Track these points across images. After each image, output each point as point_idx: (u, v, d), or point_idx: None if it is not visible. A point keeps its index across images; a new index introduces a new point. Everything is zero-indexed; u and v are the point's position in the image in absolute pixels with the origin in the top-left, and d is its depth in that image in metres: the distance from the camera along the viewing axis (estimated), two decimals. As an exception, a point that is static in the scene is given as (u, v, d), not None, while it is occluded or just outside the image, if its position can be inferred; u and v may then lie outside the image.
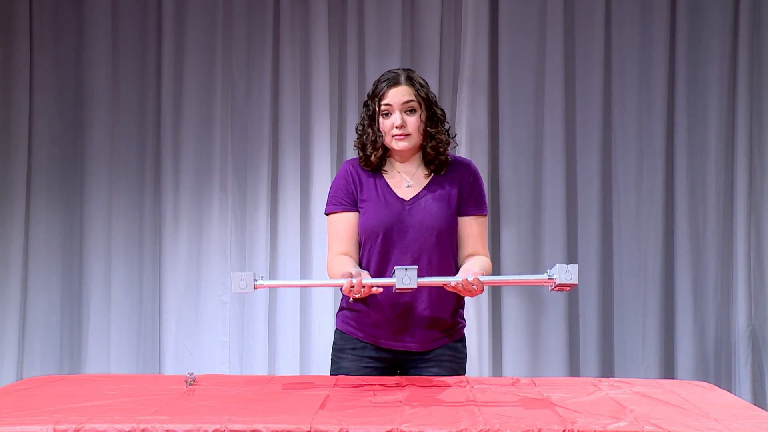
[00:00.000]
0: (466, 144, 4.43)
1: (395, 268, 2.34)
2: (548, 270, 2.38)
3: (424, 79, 2.77)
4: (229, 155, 4.57)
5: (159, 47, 4.59)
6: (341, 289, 2.47)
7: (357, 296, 2.44)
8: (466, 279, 2.44)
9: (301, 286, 2.71)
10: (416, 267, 2.35)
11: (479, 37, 4.46)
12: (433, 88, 4.41)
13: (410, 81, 2.70)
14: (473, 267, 2.57)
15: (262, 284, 2.38)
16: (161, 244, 4.60)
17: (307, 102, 4.55)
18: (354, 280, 2.41)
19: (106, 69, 4.57)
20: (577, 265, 2.35)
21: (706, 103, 4.48)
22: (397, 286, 2.34)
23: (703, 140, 4.48)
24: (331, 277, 2.69)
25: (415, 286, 2.34)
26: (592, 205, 4.49)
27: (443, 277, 2.55)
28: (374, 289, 2.43)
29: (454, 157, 2.81)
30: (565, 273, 2.35)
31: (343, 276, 2.44)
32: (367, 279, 2.43)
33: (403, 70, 2.76)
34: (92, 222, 4.60)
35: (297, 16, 4.55)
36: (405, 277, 2.33)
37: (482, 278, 2.46)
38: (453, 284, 2.46)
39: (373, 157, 2.72)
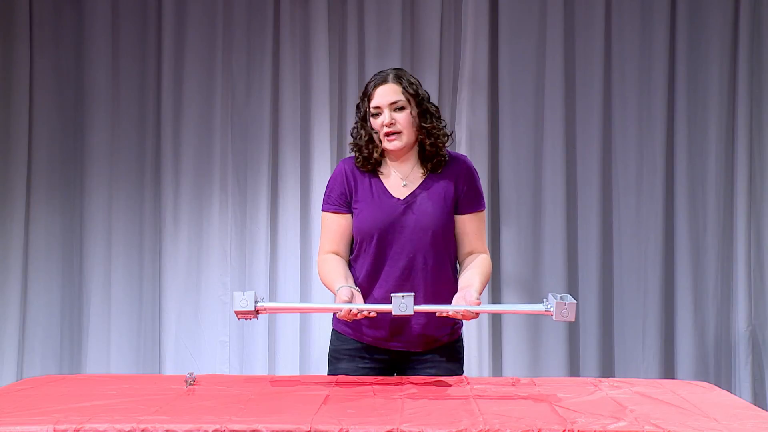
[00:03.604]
0: (466, 144, 4.43)
1: (392, 295, 2.36)
2: (544, 300, 2.37)
3: (415, 77, 2.73)
4: (229, 155, 4.57)
5: (159, 47, 4.59)
6: (335, 315, 2.54)
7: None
8: (467, 310, 2.42)
9: (302, 311, 2.79)
10: (413, 294, 2.37)
11: (479, 37, 4.46)
12: (433, 88, 4.42)
13: (398, 79, 2.66)
14: (472, 282, 2.58)
15: (263, 307, 2.40)
16: (161, 244, 4.60)
17: (307, 102, 4.55)
18: (354, 308, 2.42)
19: (106, 69, 4.57)
20: (576, 303, 2.33)
21: (706, 103, 4.48)
22: (393, 313, 2.37)
23: (703, 140, 4.48)
24: (321, 276, 2.71)
25: (412, 313, 2.36)
26: (592, 205, 4.49)
27: (441, 305, 2.53)
28: (371, 314, 2.44)
29: (450, 153, 2.76)
30: (562, 310, 2.32)
31: (340, 301, 2.48)
32: (363, 305, 2.46)
33: (393, 69, 2.73)
34: (92, 222, 4.60)
35: (297, 16, 4.55)
36: (401, 304, 2.36)
37: (478, 308, 2.45)
38: (451, 313, 2.45)
39: (376, 154, 2.67)
